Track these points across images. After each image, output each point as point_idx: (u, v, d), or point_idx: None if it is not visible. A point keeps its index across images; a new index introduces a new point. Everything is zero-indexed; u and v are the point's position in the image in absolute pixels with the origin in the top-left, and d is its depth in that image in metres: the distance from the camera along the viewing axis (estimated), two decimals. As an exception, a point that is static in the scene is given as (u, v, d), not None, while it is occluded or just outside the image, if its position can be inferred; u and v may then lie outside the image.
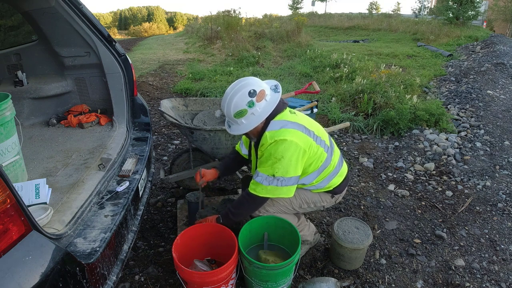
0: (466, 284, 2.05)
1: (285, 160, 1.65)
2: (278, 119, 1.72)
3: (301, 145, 1.67)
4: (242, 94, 1.62)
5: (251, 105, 1.63)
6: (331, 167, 1.89)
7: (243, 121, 1.68)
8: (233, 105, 1.64)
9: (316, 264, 2.16)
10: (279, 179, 1.69)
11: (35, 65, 2.64)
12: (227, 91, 1.68)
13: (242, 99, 1.62)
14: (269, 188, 1.71)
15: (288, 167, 1.67)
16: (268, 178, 1.69)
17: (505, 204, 2.81)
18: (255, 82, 1.66)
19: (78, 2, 2.29)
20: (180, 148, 3.80)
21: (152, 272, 2.05)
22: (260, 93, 1.63)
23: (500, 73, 6.77)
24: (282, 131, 1.67)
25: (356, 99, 5.04)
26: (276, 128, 1.69)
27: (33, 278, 1.02)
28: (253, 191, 1.75)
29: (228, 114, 1.69)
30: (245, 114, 1.65)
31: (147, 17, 66.50)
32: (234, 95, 1.63)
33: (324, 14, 25.43)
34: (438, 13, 17.74)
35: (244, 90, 1.62)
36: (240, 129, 1.71)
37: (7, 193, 0.99)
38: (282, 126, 1.69)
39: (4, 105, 1.57)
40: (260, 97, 1.64)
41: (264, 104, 1.66)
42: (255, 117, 1.66)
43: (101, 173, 1.82)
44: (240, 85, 1.64)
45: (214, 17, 12.42)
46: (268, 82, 1.77)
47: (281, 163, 1.65)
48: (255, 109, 1.64)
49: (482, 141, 3.90)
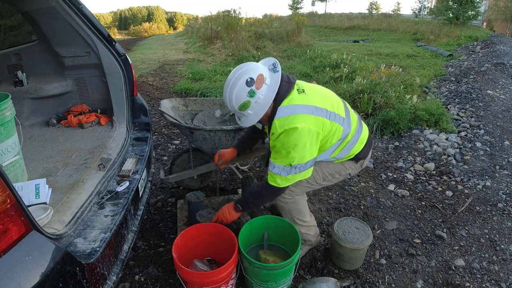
0: (466, 284, 2.05)
1: (299, 148, 1.60)
2: (286, 104, 1.62)
3: (313, 128, 1.61)
4: (240, 85, 1.54)
5: (252, 94, 1.56)
6: (349, 137, 1.82)
7: (249, 112, 1.62)
8: (234, 99, 1.57)
9: (316, 264, 2.16)
10: (296, 167, 1.65)
11: (35, 65, 2.64)
12: (225, 86, 1.61)
13: (242, 91, 1.55)
14: (288, 178, 1.68)
15: (304, 153, 1.62)
16: (286, 168, 1.65)
17: (505, 204, 2.81)
18: (251, 68, 1.57)
19: (78, 2, 2.29)
20: (180, 148, 3.80)
21: (152, 272, 2.05)
22: (258, 79, 1.55)
23: (500, 73, 6.77)
24: (291, 117, 1.59)
25: (356, 99, 5.04)
26: (285, 115, 1.60)
27: (33, 278, 1.02)
28: (272, 182, 1.71)
29: (232, 109, 1.63)
30: (249, 105, 1.59)
31: (147, 17, 66.55)
32: (233, 89, 1.56)
33: (324, 14, 25.45)
34: (438, 13, 17.75)
35: (241, 81, 1.54)
36: (250, 120, 1.65)
37: (7, 193, 0.99)
38: (291, 112, 1.60)
39: (4, 105, 1.57)
40: (260, 83, 1.56)
41: (266, 89, 1.58)
42: (260, 105, 1.60)
43: (101, 173, 1.82)
44: (236, 76, 1.56)
45: (214, 17, 12.42)
46: (265, 61, 1.67)
47: (296, 152, 1.60)
48: (257, 97, 1.57)
49: (482, 141, 3.90)
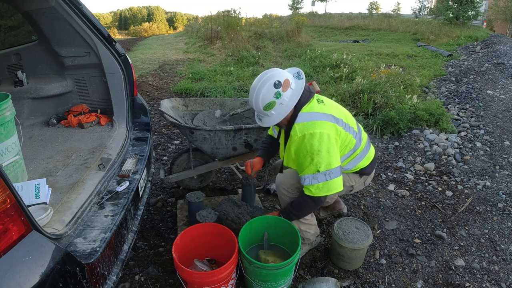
0: (466, 284, 2.05)
1: (323, 153, 1.69)
2: (306, 110, 1.76)
3: (332, 135, 1.73)
4: (268, 86, 1.67)
5: (278, 96, 1.68)
6: (359, 151, 1.95)
7: (273, 112, 1.73)
8: (261, 98, 1.69)
9: (316, 264, 2.16)
10: (325, 173, 1.72)
11: (35, 65, 2.64)
12: (252, 87, 1.73)
13: (269, 92, 1.68)
14: (320, 186, 1.75)
15: (329, 158, 1.71)
16: (315, 175, 1.73)
17: (505, 204, 2.81)
18: (279, 73, 1.71)
19: (78, 2, 2.29)
20: (180, 148, 3.80)
21: (152, 272, 2.05)
22: (285, 82, 1.69)
23: (500, 73, 6.77)
24: (312, 123, 1.72)
25: (356, 99, 5.04)
26: (305, 120, 1.74)
27: (33, 278, 1.02)
28: (309, 193, 1.79)
29: (257, 108, 1.75)
30: (274, 105, 1.71)
31: (147, 17, 66.53)
32: (261, 89, 1.68)
33: (324, 14, 25.46)
34: (438, 13, 17.75)
35: (270, 82, 1.67)
36: (271, 121, 1.76)
37: (7, 193, 1.00)
38: (311, 118, 1.74)
39: (4, 105, 1.57)
40: (286, 87, 1.69)
41: (291, 93, 1.71)
42: (284, 107, 1.72)
43: (101, 173, 1.82)
44: (265, 78, 1.69)
45: (214, 17, 12.43)
46: (290, 70, 1.82)
47: (320, 157, 1.69)
48: (282, 99, 1.69)
49: (482, 141, 3.90)
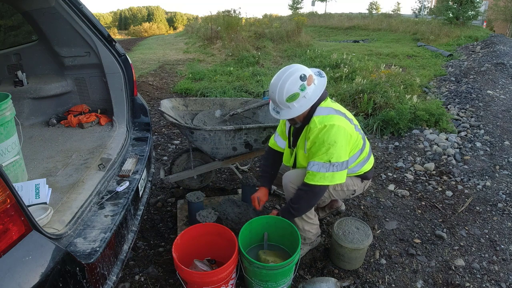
0: (466, 284, 2.05)
1: (338, 145, 1.73)
2: (324, 105, 1.82)
3: (348, 130, 1.79)
4: (294, 78, 1.69)
5: (303, 88, 1.71)
6: (365, 154, 2.00)
7: (294, 104, 1.75)
8: (286, 89, 1.70)
9: (316, 264, 2.15)
10: (334, 165, 1.75)
11: (35, 65, 2.64)
12: (276, 79, 1.74)
13: (294, 83, 1.70)
14: (327, 175, 1.76)
15: (341, 151, 1.75)
16: (325, 165, 1.75)
17: (505, 204, 2.81)
18: (303, 68, 1.74)
19: (78, 2, 2.29)
20: (180, 148, 3.80)
21: (152, 272, 2.05)
22: (309, 77, 1.73)
23: (500, 73, 6.77)
24: (330, 116, 1.77)
25: (356, 99, 5.04)
26: (324, 114, 1.79)
27: (33, 278, 1.02)
28: (311, 181, 1.78)
29: (280, 100, 1.74)
30: (297, 97, 1.72)
31: (147, 17, 66.49)
32: (286, 80, 1.69)
33: (324, 14, 25.45)
34: (438, 13, 17.74)
35: (295, 75, 1.70)
36: (291, 113, 1.77)
37: (7, 193, 0.99)
38: (329, 112, 1.79)
39: (4, 105, 1.57)
40: (310, 81, 1.73)
41: (314, 88, 1.76)
42: (306, 100, 1.74)
43: (101, 173, 1.82)
44: (290, 71, 1.71)
45: (214, 17, 12.42)
46: (311, 69, 1.85)
47: (335, 148, 1.73)
48: (306, 92, 1.73)
49: (482, 141, 3.90)
